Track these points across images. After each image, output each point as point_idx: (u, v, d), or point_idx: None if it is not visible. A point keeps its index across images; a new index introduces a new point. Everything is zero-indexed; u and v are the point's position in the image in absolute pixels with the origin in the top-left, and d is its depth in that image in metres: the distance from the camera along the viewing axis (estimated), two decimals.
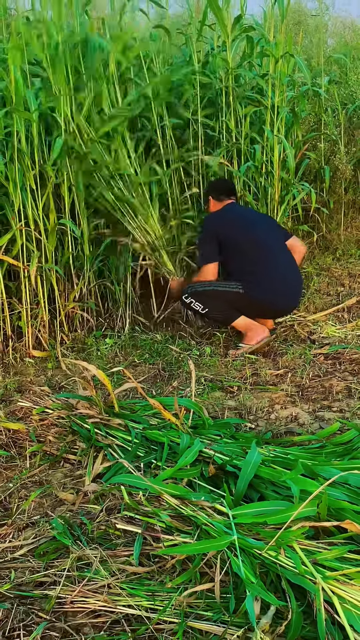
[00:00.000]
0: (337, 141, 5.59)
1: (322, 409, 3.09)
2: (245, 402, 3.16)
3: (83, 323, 4.14)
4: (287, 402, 3.19)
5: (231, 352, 3.81)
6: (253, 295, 3.82)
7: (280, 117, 4.61)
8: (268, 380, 3.45)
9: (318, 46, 6.36)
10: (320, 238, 5.67)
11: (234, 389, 3.36)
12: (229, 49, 4.40)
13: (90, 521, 2.17)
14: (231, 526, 1.94)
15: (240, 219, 4.05)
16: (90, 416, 2.76)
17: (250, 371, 3.54)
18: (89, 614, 1.81)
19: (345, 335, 3.96)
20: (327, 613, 1.66)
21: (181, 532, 2.02)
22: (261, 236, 3.94)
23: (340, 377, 3.42)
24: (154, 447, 2.53)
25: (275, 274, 3.88)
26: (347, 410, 3.04)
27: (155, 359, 3.73)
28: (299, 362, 3.63)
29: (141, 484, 2.20)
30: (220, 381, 3.44)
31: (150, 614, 1.78)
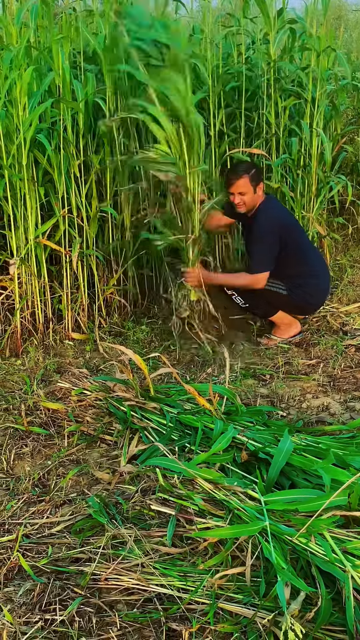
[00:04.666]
0: None
1: (353, 399, 3.05)
2: (278, 391, 3.14)
3: (121, 308, 4.14)
4: (318, 392, 3.15)
5: (264, 341, 3.78)
6: (298, 298, 3.69)
7: (319, 110, 4.53)
8: (300, 369, 3.42)
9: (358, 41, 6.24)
10: (355, 230, 5.58)
11: (267, 377, 3.33)
12: (272, 42, 4.33)
13: (126, 501, 2.18)
14: (263, 512, 1.92)
15: (290, 217, 3.83)
16: (127, 399, 2.76)
17: (282, 360, 3.51)
18: (123, 592, 1.82)
19: None
20: (356, 601, 1.65)
21: (214, 516, 2.02)
22: (305, 235, 3.85)
23: None
24: (188, 431, 2.53)
25: (320, 273, 3.78)
26: None
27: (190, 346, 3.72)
28: (331, 353, 3.59)
29: (176, 467, 2.19)
30: (253, 369, 3.42)
31: (182, 594, 1.78)
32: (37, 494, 2.30)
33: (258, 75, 4.55)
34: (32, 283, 3.68)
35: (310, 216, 4.62)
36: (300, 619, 1.63)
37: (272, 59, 4.33)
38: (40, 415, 2.84)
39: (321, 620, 1.61)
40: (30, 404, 2.91)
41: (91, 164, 3.81)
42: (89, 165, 3.84)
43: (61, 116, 3.57)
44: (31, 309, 3.72)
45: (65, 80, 3.50)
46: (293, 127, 4.58)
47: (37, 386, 3.10)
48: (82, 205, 3.80)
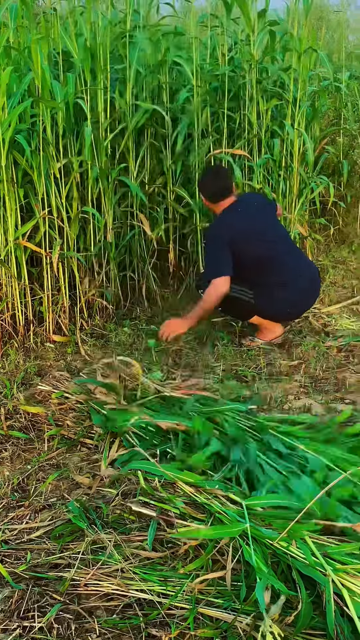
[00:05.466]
0: (356, 136, 5.52)
1: (334, 400, 3.05)
2: (260, 392, 3.13)
3: (102, 310, 4.12)
4: (300, 393, 3.15)
5: (246, 342, 3.77)
6: (267, 308, 3.66)
7: (301, 111, 4.54)
8: (282, 370, 3.42)
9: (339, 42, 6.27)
10: (336, 231, 5.61)
11: (249, 378, 3.33)
12: (253, 43, 4.33)
13: (106, 505, 2.16)
14: (244, 515, 1.91)
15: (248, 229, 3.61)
16: (108, 402, 2.74)
17: (264, 361, 3.51)
18: (102, 597, 1.80)
19: (359, 328, 3.92)
20: (337, 605, 1.64)
21: (195, 519, 2.01)
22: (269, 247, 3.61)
23: (353, 370, 3.38)
24: (169, 436, 2.51)
25: (287, 284, 3.63)
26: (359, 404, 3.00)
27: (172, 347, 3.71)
28: (313, 354, 3.59)
29: (157, 471, 2.18)
30: (235, 370, 3.41)
31: (162, 599, 1.76)
32: (17, 499, 2.28)
33: (240, 76, 4.55)
34: (12, 285, 3.65)
35: (292, 217, 4.63)
36: (281, 623, 1.62)
37: (254, 59, 4.33)
38: (19, 419, 2.81)
39: (301, 624, 1.61)
40: (9, 407, 2.88)
41: (71, 165, 3.79)
42: (69, 167, 3.82)
43: (40, 117, 3.55)
44: (11, 311, 3.69)
45: (44, 81, 3.48)
46: (275, 128, 4.59)
47: (17, 389, 3.08)
48: (62, 207, 3.78)
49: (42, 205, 3.69)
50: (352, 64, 6.48)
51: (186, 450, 2.36)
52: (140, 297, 4.40)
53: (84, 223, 4.09)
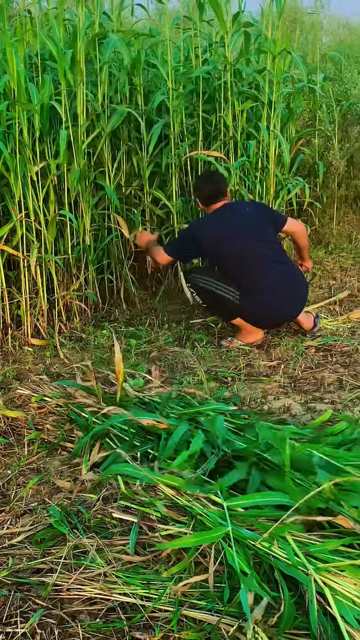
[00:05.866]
0: (331, 137, 5.55)
1: (313, 400, 3.07)
2: (239, 393, 3.14)
3: (81, 313, 4.10)
4: (279, 393, 3.17)
5: (225, 343, 3.78)
6: (248, 309, 3.68)
7: (276, 112, 4.56)
8: (261, 371, 3.43)
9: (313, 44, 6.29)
10: (313, 232, 5.64)
11: (228, 379, 3.33)
12: (227, 45, 4.35)
13: (87, 510, 2.15)
14: (225, 517, 1.91)
15: (230, 232, 3.67)
16: (88, 405, 2.73)
17: (244, 362, 3.51)
18: (85, 602, 1.79)
19: (336, 328, 3.94)
20: (319, 604, 1.65)
21: (177, 522, 2.00)
22: (251, 250, 3.64)
23: (332, 369, 3.40)
24: (151, 437, 2.51)
25: (267, 289, 3.65)
26: (339, 402, 3.02)
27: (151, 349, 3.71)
28: (292, 354, 3.61)
29: (138, 474, 2.17)
30: (215, 372, 3.42)
31: (145, 602, 1.76)
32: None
33: (215, 78, 4.57)
34: None
35: None
36: (264, 624, 1.63)
37: (229, 61, 4.34)
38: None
39: (285, 624, 1.61)
40: None
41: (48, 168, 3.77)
42: (46, 169, 3.80)
43: (17, 119, 3.53)
44: None
45: (20, 84, 3.46)
46: (250, 130, 4.61)
47: None
48: (39, 210, 3.76)
49: (19, 208, 3.66)
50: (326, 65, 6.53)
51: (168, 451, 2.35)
52: (118, 300, 4.39)
53: (62, 226, 4.07)
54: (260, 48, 4.73)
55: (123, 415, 2.49)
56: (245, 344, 3.76)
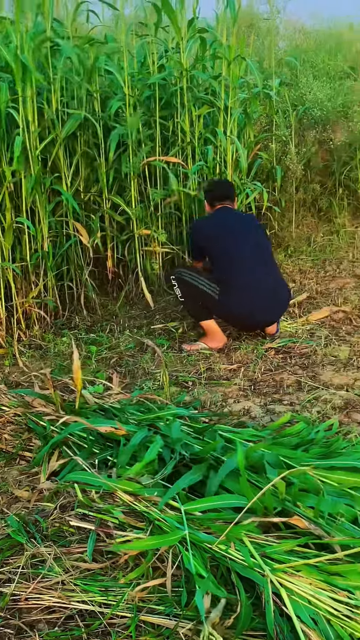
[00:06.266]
0: (288, 142, 5.61)
1: (273, 402, 3.10)
2: (200, 397, 3.15)
3: (41, 320, 4.08)
4: (240, 396, 3.19)
5: (186, 347, 3.80)
6: (224, 305, 3.73)
7: (232, 118, 4.60)
8: (222, 375, 3.45)
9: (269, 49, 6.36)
10: (272, 236, 5.69)
11: (189, 384, 3.34)
12: (183, 51, 4.37)
13: (45, 519, 2.14)
14: (183, 521, 1.92)
15: (219, 228, 3.89)
16: (47, 414, 2.71)
17: (204, 366, 3.53)
18: (44, 610, 1.78)
19: (295, 330, 3.99)
20: (275, 605, 1.66)
21: (134, 528, 2.00)
22: (235, 247, 3.78)
23: (291, 371, 3.44)
24: (110, 444, 2.50)
25: (250, 291, 3.71)
26: (297, 403, 3.06)
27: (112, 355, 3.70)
28: (252, 357, 3.64)
29: (95, 481, 2.17)
30: (176, 376, 3.43)
31: (103, 609, 1.75)
32: None
33: (171, 84, 4.59)
34: None
35: None
36: (221, 626, 1.64)
37: (184, 67, 4.37)
38: None
39: (242, 625, 1.62)
40: None
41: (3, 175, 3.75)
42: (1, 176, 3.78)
43: None
44: None
45: None
46: (208, 135, 4.64)
47: None
48: None
49: None
50: (282, 70, 6.60)
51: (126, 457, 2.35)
52: (79, 306, 4.38)
53: (19, 233, 4.04)
54: (215, 54, 4.77)
55: (81, 424, 2.48)
56: (207, 348, 3.78)
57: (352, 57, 7.68)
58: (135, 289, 4.72)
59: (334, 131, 5.99)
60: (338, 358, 3.54)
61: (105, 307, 4.56)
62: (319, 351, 3.62)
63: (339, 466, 2.21)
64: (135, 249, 4.62)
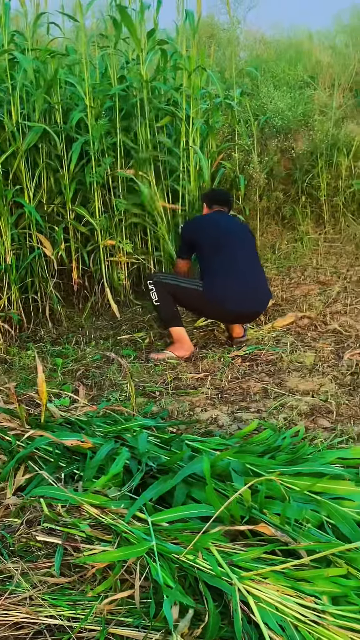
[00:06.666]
0: (251, 151, 5.67)
1: (240, 410, 3.12)
2: (167, 407, 3.16)
3: (5, 333, 4.05)
4: (207, 405, 3.20)
5: (152, 356, 3.81)
6: (208, 295, 3.78)
7: (195, 128, 4.64)
8: (189, 384, 3.46)
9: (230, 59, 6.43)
10: None
11: (157, 394, 3.35)
12: (143, 62, 4.40)
13: (11, 534, 2.12)
14: (150, 532, 1.92)
15: (212, 223, 4.06)
16: (12, 428, 2.69)
17: (171, 375, 3.54)
18: (12, 627, 1.77)
19: (261, 337, 4.02)
20: (243, 612, 1.67)
21: (102, 541, 2.00)
22: (226, 241, 3.93)
23: (257, 379, 3.46)
24: (77, 457, 2.49)
25: (233, 276, 3.81)
26: (264, 410, 3.08)
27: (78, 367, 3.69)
28: (219, 365, 3.66)
29: (61, 495, 2.16)
30: (143, 387, 3.43)
31: (72, 623, 1.74)
32: None
33: (132, 95, 4.60)
34: None
35: None
36: (190, 636, 1.64)
37: (144, 79, 4.39)
38: None
39: (210, 635, 1.63)
40: None
41: None
42: None
43: None
44: None
45: None
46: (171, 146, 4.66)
47: None
48: None
49: None
50: (243, 80, 6.67)
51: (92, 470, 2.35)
52: (44, 319, 4.36)
53: None
54: (176, 65, 4.81)
55: (47, 438, 2.47)
56: (175, 356, 3.79)
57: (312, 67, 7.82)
58: (101, 300, 4.72)
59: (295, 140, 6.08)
60: (303, 364, 3.58)
61: (70, 319, 4.55)
62: (285, 358, 3.66)
63: (305, 472, 2.23)
64: (101, 259, 4.62)
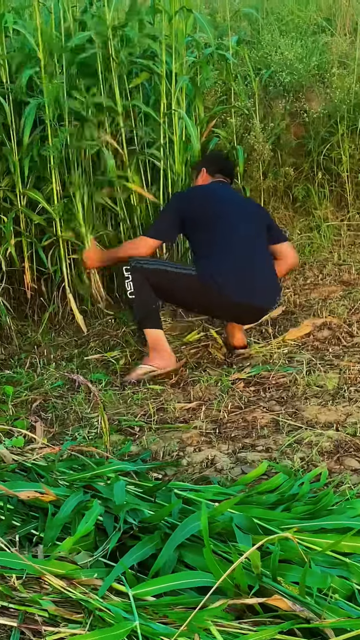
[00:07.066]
0: (251, 115, 5.69)
1: (244, 449, 3.12)
2: (150, 446, 3.16)
3: None
4: (201, 443, 3.21)
5: (127, 378, 3.83)
6: (203, 277, 3.82)
7: (179, 87, 4.66)
8: (177, 416, 3.47)
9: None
10: None
11: (136, 429, 3.35)
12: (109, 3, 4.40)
13: None
14: (132, 609, 1.92)
15: (214, 195, 4.17)
16: None
17: (154, 406, 3.54)
18: None
19: (270, 354, 4.03)
20: None
21: (69, 622, 1.99)
22: (229, 218, 4.01)
23: (266, 408, 3.47)
24: (35, 513, 2.49)
25: (237, 260, 3.88)
26: (275, 449, 3.09)
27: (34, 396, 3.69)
28: (215, 392, 3.67)
29: (16, 564, 2.15)
30: (118, 421, 3.43)
31: None
32: None
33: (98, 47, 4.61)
34: None
35: None
36: None
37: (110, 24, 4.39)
38: None
39: None
40: None
41: None
42: None
43: None
44: None
45: None
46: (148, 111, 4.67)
47: None
48: None
49: None
50: (240, 25, 6.72)
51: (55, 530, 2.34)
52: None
53: None
54: (154, 6, 4.82)
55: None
56: (153, 369, 3.82)
57: (328, 6, 7.87)
58: (63, 310, 4.72)
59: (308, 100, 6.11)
60: (324, 388, 3.60)
61: (23, 335, 4.55)
62: (300, 380, 3.67)
63: (330, 527, 2.24)
64: (61, 257, 4.61)
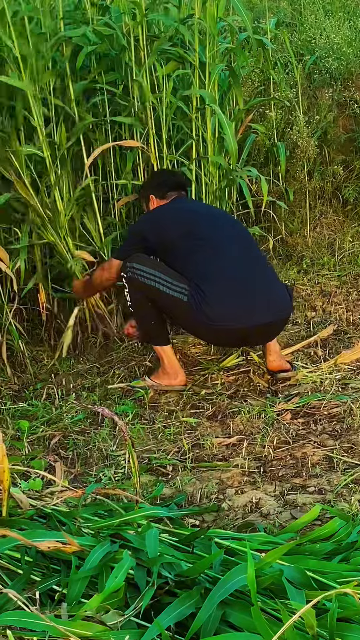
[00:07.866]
0: (294, 107, 5.70)
1: (293, 490, 3.12)
2: (185, 488, 3.16)
3: None
4: (244, 484, 3.20)
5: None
6: (196, 307, 3.78)
7: (212, 78, 4.67)
8: (215, 453, 3.46)
9: None
10: (279, 243, 5.75)
11: (169, 469, 3.35)
12: None
13: None
14: None
15: (184, 209, 4.21)
16: None
17: (189, 442, 3.55)
18: None
19: (320, 381, 4.02)
20: None
21: None
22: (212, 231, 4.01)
23: (317, 442, 3.46)
24: (56, 566, 2.50)
25: (229, 279, 3.86)
26: (329, 490, 3.08)
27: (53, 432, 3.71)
28: (258, 424, 3.66)
29: (37, 625, 2.16)
30: (149, 459, 3.44)
31: None
32: None
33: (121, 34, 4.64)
34: None
35: None
36: None
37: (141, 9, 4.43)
38: None
39: None
40: None
41: None
42: None
43: None
44: None
45: None
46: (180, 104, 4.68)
47: None
48: None
49: None
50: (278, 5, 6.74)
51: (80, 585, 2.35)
52: (0, 363, 4.39)
53: None
54: None
55: (13, 539, 2.48)
56: (160, 385, 3.90)
57: None
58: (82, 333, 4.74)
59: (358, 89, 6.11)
60: None
61: (39, 362, 4.57)
62: (356, 410, 3.67)
63: None
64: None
